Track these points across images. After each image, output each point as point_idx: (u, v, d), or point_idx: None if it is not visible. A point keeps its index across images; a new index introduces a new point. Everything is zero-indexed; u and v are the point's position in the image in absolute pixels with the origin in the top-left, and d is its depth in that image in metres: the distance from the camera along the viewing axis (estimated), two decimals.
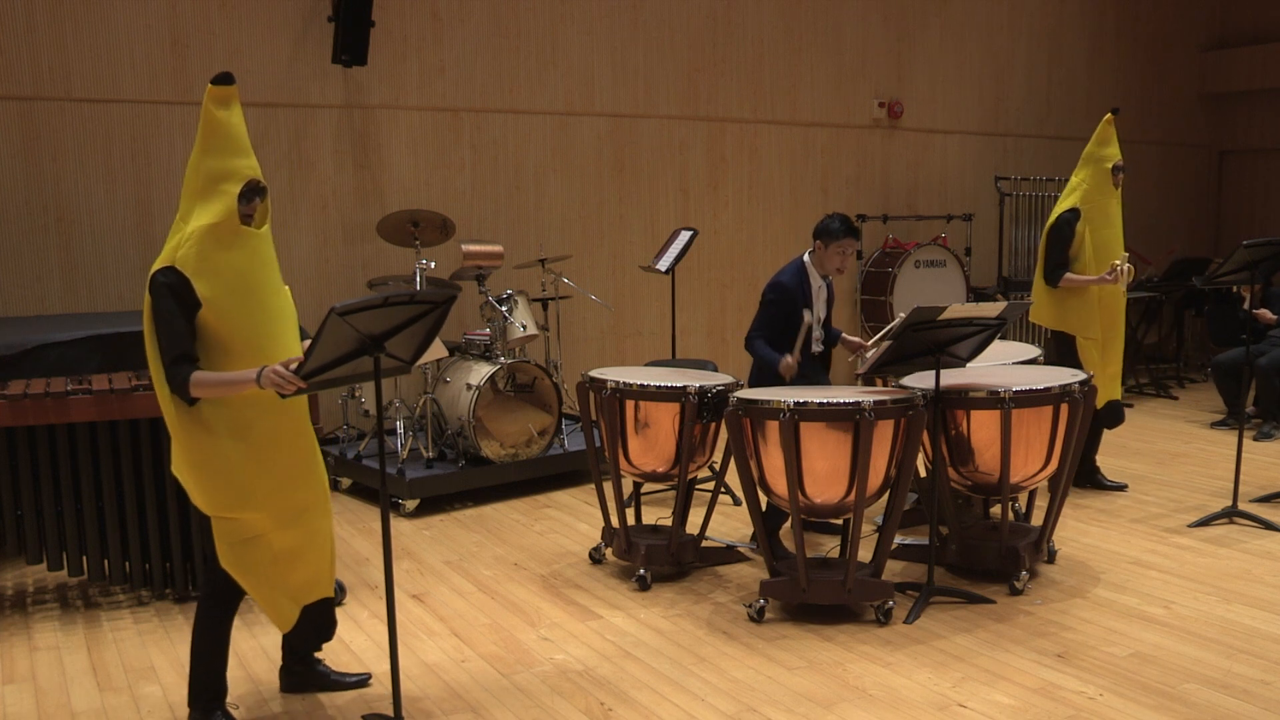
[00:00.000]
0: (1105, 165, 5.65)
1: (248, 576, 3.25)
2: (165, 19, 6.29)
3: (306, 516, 3.34)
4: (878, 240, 9.15)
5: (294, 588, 3.35)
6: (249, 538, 3.23)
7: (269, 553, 3.26)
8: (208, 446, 3.15)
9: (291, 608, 3.37)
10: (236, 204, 3.11)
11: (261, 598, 3.31)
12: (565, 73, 7.61)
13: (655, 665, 3.86)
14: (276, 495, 3.24)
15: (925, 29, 9.32)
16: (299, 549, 3.33)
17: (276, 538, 3.26)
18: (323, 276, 6.90)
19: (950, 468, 4.53)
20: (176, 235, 3.12)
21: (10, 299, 6.03)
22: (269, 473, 3.22)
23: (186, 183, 3.15)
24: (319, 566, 3.40)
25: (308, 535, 3.34)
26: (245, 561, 3.24)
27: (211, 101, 3.12)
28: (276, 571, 3.29)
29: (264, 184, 3.18)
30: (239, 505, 3.18)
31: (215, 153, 3.12)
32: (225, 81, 3.13)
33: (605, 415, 4.65)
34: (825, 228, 4.84)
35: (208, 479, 3.16)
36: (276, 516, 3.25)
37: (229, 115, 3.13)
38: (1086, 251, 5.65)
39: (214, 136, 3.12)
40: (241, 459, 3.17)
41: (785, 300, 4.85)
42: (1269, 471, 6.48)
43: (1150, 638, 4.03)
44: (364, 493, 6.33)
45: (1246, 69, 10.99)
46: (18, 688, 3.73)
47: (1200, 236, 11.59)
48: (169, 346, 3.06)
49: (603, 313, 7.93)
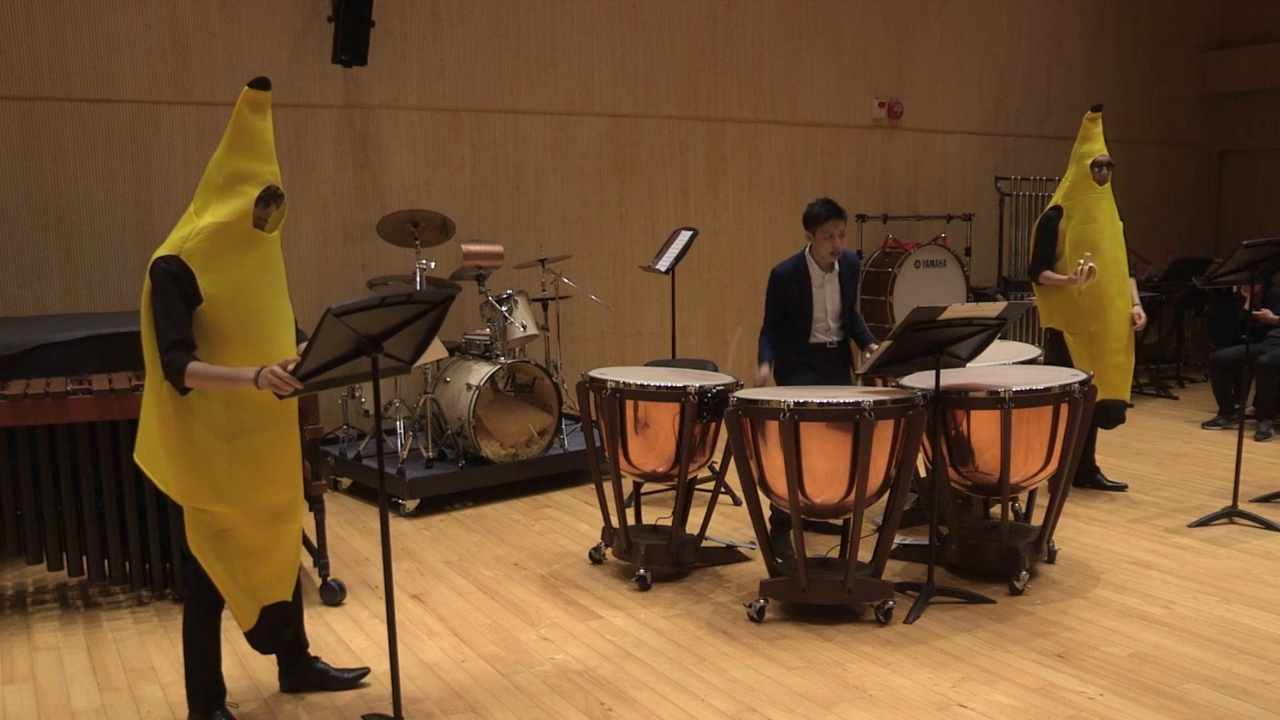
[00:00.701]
0: (1085, 162, 5.68)
1: (215, 568, 3.25)
2: (165, 19, 6.29)
3: (282, 518, 3.34)
4: (878, 240, 9.15)
5: (255, 585, 3.35)
6: (220, 530, 3.23)
7: (238, 548, 3.27)
8: (190, 437, 3.14)
9: (252, 606, 3.37)
10: (253, 206, 3.13)
11: (227, 592, 3.31)
12: (565, 73, 7.61)
13: (655, 665, 3.86)
14: (251, 493, 3.24)
15: (925, 29, 9.32)
16: (266, 548, 3.33)
17: (246, 534, 3.27)
18: (323, 276, 6.90)
19: (950, 468, 4.53)
20: (186, 227, 3.12)
21: (10, 299, 6.03)
22: (247, 470, 3.21)
23: (206, 177, 3.18)
24: (282, 568, 3.40)
25: (278, 536, 3.35)
26: (214, 553, 3.24)
27: (246, 104, 3.16)
28: (242, 567, 3.29)
29: (282, 191, 3.22)
30: (212, 498, 3.18)
31: (241, 154, 3.15)
32: (262, 87, 3.18)
33: (605, 415, 4.65)
34: (809, 215, 4.86)
35: (186, 469, 3.16)
36: (249, 513, 3.25)
37: (260, 121, 3.19)
38: (1066, 249, 5.69)
39: (242, 138, 3.15)
40: (221, 454, 3.16)
41: (775, 288, 4.91)
42: (1269, 471, 6.48)
43: (1150, 638, 4.03)
44: (364, 493, 6.33)
45: (1246, 69, 10.99)
46: (18, 688, 3.73)
47: (1200, 236, 11.59)
48: (167, 331, 3.05)
49: (603, 313, 7.93)
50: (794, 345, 4.95)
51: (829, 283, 4.94)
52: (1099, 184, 5.66)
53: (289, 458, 3.33)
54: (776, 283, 4.91)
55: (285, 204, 3.27)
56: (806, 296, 4.89)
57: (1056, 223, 5.73)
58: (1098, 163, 5.65)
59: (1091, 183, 5.66)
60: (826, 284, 4.93)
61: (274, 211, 3.21)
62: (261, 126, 3.18)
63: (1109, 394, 5.76)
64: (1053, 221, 5.74)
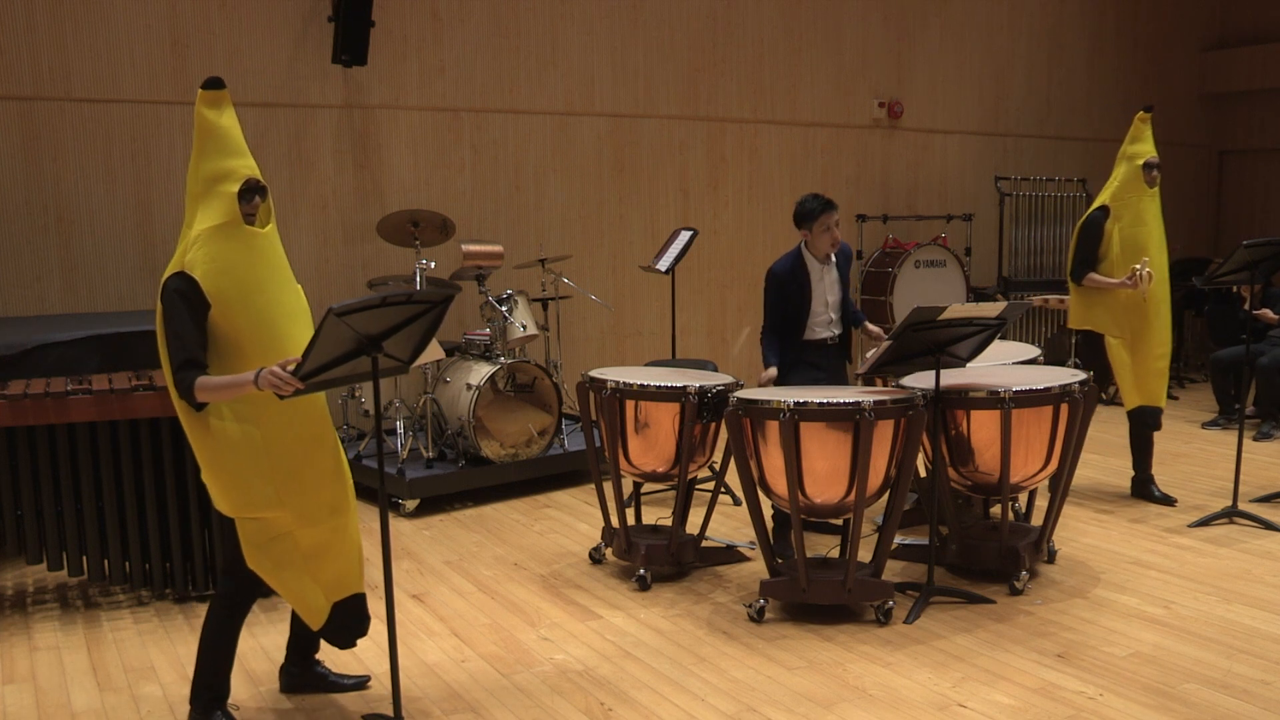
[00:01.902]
0: (1136, 163, 5.56)
1: (277, 575, 3.25)
2: (165, 19, 6.29)
3: (333, 512, 3.33)
4: (878, 240, 9.16)
5: (325, 584, 3.35)
6: (275, 536, 3.23)
7: (297, 550, 3.26)
8: (219, 450, 3.15)
9: (323, 603, 3.37)
10: (237, 203, 3.12)
11: (292, 595, 3.30)
12: (565, 73, 7.61)
13: (655, 665, 3.86)
14: (299, 494, 3.23)
15: (925, 29, 9.32)
16: (326, 545, 3.32)
17: (303, 535, 3.26)
18: (323, 276, 6.90)
19: (950, 468, 4.53)
20: (184, 241, 3.14)
21: (10, 299, 6.03)
22: (294, 472, 3.22)
23: (188, 189, 3.18)
24: (348, 562, 3.40)
25: (334, 532, 3.34)
26: (273, 560, 3.24)
27: (203, 105, 3.15)
28: (307, 568, 3.29)
29: (263, 183, 3.20)
30: (259, 505, 3.19)
31: (211, 155, 3.14)
32: (214, 85, 3.16)
33: (605, 415, 4.65)
34: (804, 212, 4.84)
35: (224, 481, 3.17)
36: (301, 514, 3.24)
37: (220, 117, 3.16)
38: (1114, 250, 5.56)
39: (208, 139, 3.14)
40: (254, 459, 3.17)
41: (774, 287, 4.89)
42: (1269, 471, 6.48)
43: (1150, 638, 4.03)
44: (364, 493, 6.32)
45: (1246, 69, 10.99)
46: (18, 688, 3.73)
47: (1200, 236, 11.59)
48: (176, 353, 3.07)
49: (603, 313, 7.93)
50: (794, 343, 4.94)
51: (827, 274, 4.94)
52: (1149, 185, 5.56)
53: (327, 453, 3.32)
54: (775, 281, 4.89)
55: (270, 196, 3.25)
56: (806, 292, 4.88)
57: (1103, 223, 5.58)
58: (1149, 164, 5.54)
59: (1142, 184, 5.55)
60: (825, 276, 4.93)
61: (260, 205, 3.19)
62: (223, 122, 3.16)
63: (1147, 400, 5.66)
64: (1099, 222, 5.59)
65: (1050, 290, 9.15)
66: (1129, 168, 5.59)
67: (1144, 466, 5.89)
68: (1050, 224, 9.61)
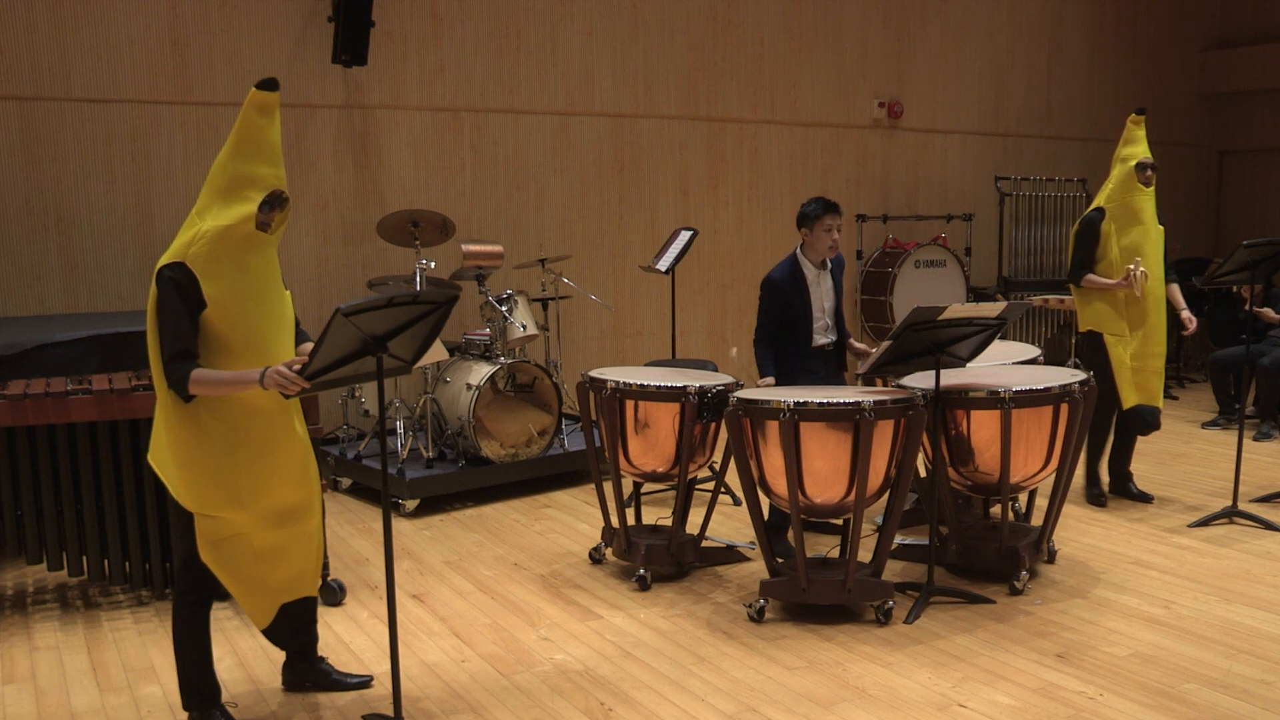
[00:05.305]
0: (1130, 164, 5.58)
1: (227, 573, 3.25)
2: (165, 19, 6.29)
3: (294, 517, 3.33)
4: (878, 240, 9.16)
5: (274, 586, 3.34)
6: (229, 535, 3.23)
7: (249, 551, 3.26)
8: (199, 445, 3.14)
9: (269, 605, 3.36)
10: (257, 211, 3.11)
11: (240, 594, 3.30)
12: (565, 73, 7.61)
13: (655, 665, 3.86)
14: (264, 497, 3.24)
15: (925, 29, 9.32)
16: (283, 548, 3.32)
17: (258, 537, 3.26)
18: (323, 276, 6.90)
19: (950, 468, 4.53)
20: (191, 230, 3.11)
21: (10, 299, 6.03)
22: (258, 475, 3.22)
23: (211, 179, 3.15)
24: (304, 565, 3.40)
25: (293, 535, 3.34)
26: (224, 558, 3.24)
27: (253, 106, 3.11)
28: (257, 569, 3.28)
29: (286, 195, 3.19)
30: (224, 505, 3.18)
31: (246, 157, 3.11)
32: (270, 88, 3.12)
33: (605, 415, 4.65)
34: (804, 214, 4.87)
35: (195, 477, 3.16)
36: (262, 517, 3.24)
37: (267, 123, 3.13)
38: (1113, 251, 5.58)
39: (248, 142, 3.11)
40: (231, 460, 3.17)
41: (774, 294, 4.87)
42: (1269, 471, 6.48)
43: (1150, 638, 4.03)
44: (364, 493, 6.33)
45: (1246, 69, 10.99)
46: (18, 688, 3.73)
47: (1200, 236, 11.59)
48: (170, 342, 3.05)
49: (603, 313, 7.93)
50: (794, 352, 4.92)
51: (823, 280, 4.95)
52: (1144, 186, 5.57)
53: (294, 457, 3.31)
54: (774, 289, 4.87)
55: (289, 208, 3.26)
56: (805, 298, 4.88)
57: (1099, 225, 5.60)
58: (1143, 164, 5.56)
59: (1137, 185, 5.56)
60: (821, 283, 4.95)
61: (278, 215, 3.20)
62: (268, 129, 3.13)
63: (1146, 400, 5.66)
64: (1095, 224, 5.61)
65: (1050, 290, 9.15)
66: (1123, 169, 5.62)
67: (1123, 464, 5.96)
68: (1050, 224, 9.60)
